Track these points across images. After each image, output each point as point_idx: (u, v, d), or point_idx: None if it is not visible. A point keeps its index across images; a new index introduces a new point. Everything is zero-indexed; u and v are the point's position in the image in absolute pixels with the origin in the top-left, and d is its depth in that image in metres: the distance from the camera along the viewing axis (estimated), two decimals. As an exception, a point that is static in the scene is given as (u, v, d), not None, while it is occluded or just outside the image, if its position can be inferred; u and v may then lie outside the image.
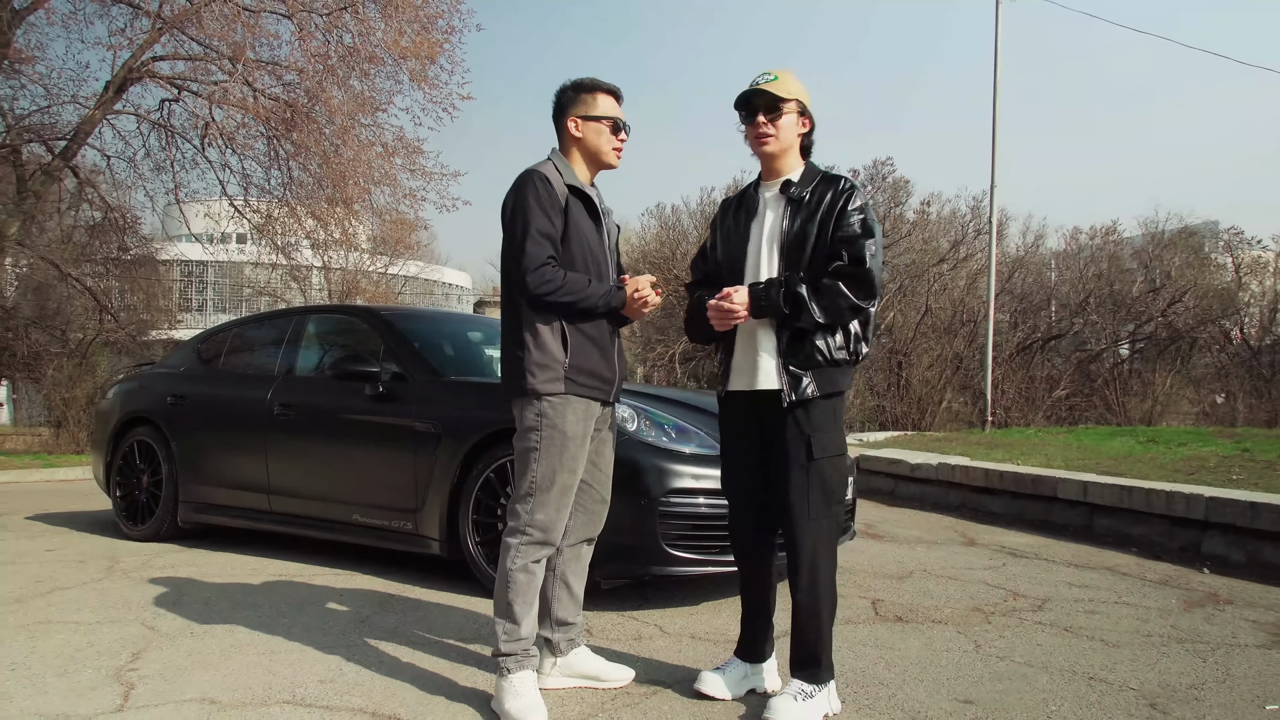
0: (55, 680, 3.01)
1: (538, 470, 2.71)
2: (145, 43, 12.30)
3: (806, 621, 2.72)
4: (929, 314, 16.58)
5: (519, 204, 2.77)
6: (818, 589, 2.73)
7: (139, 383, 6.14)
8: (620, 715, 2.71)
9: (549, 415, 2.73)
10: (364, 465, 4.68)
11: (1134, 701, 2.91)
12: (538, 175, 2.79)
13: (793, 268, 2.73)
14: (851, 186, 2.78)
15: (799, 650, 2.72)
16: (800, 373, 2.70)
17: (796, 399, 2.69)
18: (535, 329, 2.75)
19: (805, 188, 2.79)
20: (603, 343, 2.84)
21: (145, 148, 13.87)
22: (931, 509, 7.74)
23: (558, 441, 2.72)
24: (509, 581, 2.70)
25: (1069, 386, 17.38)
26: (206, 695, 2.84)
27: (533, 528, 2.72)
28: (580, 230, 2.81)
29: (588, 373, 2.79)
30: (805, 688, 2.67)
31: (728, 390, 2.86)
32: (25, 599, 4.19)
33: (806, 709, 2.64)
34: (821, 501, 2.72)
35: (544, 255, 2.72)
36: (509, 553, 2.72)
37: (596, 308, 2.77)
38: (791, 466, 2.71)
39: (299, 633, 3.59)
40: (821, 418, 2.72)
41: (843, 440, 2.81)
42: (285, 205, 14.08)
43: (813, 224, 2.74)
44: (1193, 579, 4.91)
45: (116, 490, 5.84)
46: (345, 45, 12.26)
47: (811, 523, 2.71)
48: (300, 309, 5.84)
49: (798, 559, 2.72)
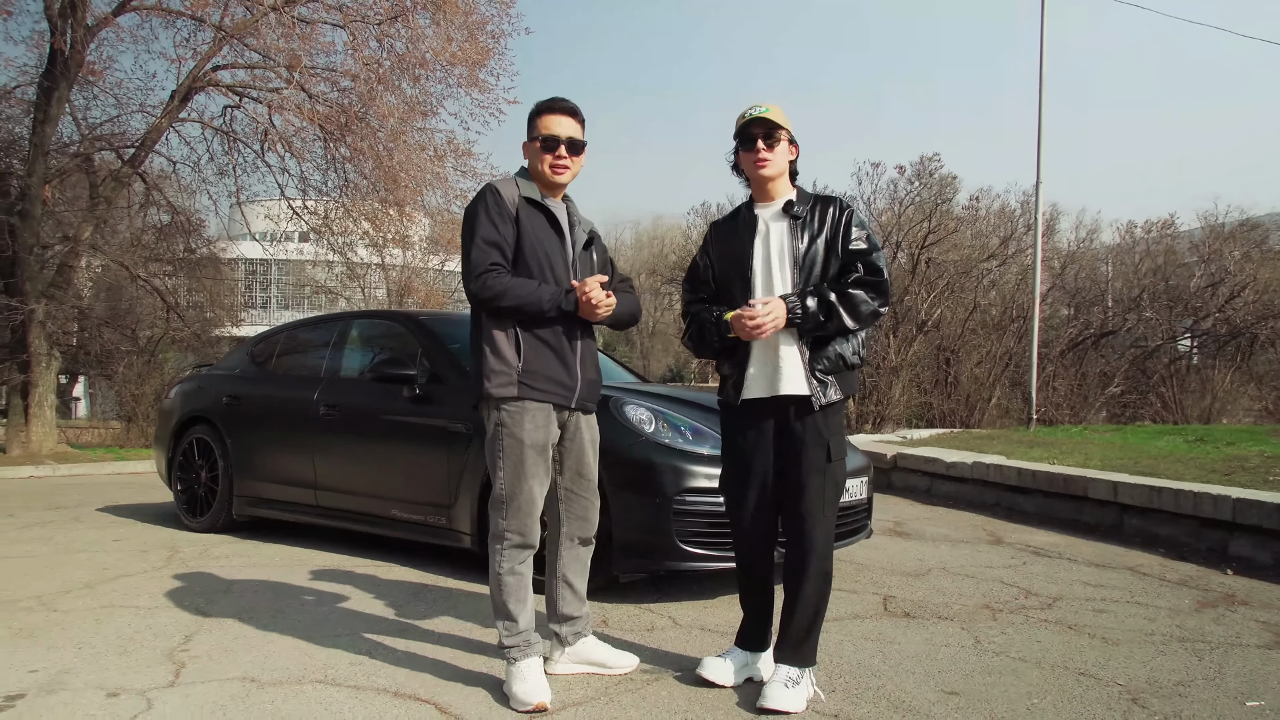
0: (115, 658, 3.32)
1: (503, 479, 2.90)
2: (207, 54, 12.82)
3: (805, 614, 2.90)
4: (977, 310, 16.45)
5: (469, 216, 2.96)
6: (824, 584, 2.93)
7: (198, 383, 6.52)
8: (621, 699, 2.92)
9: (507, 424, 2.89)
10: (402, 463, 4.95)
11: (1116, 697, 3.03)
12: (489, 189, 2.95)
13: (805, 280, 2.94)
14: (850, 206, 3.03)
15: (793, 640, 2.90)
16: (825, 378, 2.92)
17: (825, 401, 2.90)
18: (491, 335, 2.91)
19: (805, 207, 3.01)
20: (560, 349, 2.96)
21: (209, 153, 14.46)
22: (966, 508, 7.80)
23: (517, 451, 2.88)
24: (500, 584, 2.92)
25: (1123, 384, 17.11)
26: (248, 674, 3.12)
27: (510, 533, 2.92)
28: (534, 238, 2.94)
29: (543, 377, 2.92)
30: (793, 674, 2.86)
31: (743, 399, 3.01)
32: (94, 584, 4.54)
33: (795, 694, 2.82)
34: (833, 502, 2.96)
35: (487, 262, 2.86)
36: (495, 558, 2.93)
37: (545, 311, 2.88)
38: (811, 469, 2.90)
39: (336, 619, 3.87)
40: (835, 421, 2.95)
41: (846, 444, 3.05)
42: (341, 207, 14.56)
43: (819, 240, 2.96)
44: (1213, 580, 4.95)
45: (177, 484, 6.22)
46: (396, 53, 12.62)
47: (824, 522, 2.92)
48: (345, 314, 6.16)
49: (808, 557, 2.90)
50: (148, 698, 2.89)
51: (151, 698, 2.89)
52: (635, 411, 4.29)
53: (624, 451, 4.14)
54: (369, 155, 13.17)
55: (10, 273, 12.50)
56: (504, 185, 2.99)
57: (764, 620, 3.09)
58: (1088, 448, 9.57)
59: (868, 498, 4.85)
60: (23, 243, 12.10)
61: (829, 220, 2.97)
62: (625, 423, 4.24)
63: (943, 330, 16.32)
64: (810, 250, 2.94)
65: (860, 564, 5.17)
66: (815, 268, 2.94)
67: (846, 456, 3.02)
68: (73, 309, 13.24)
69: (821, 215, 2.98)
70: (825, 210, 2.99)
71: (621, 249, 52.85)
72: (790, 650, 2.90)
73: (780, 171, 3.03)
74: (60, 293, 12.69)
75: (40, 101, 12.11)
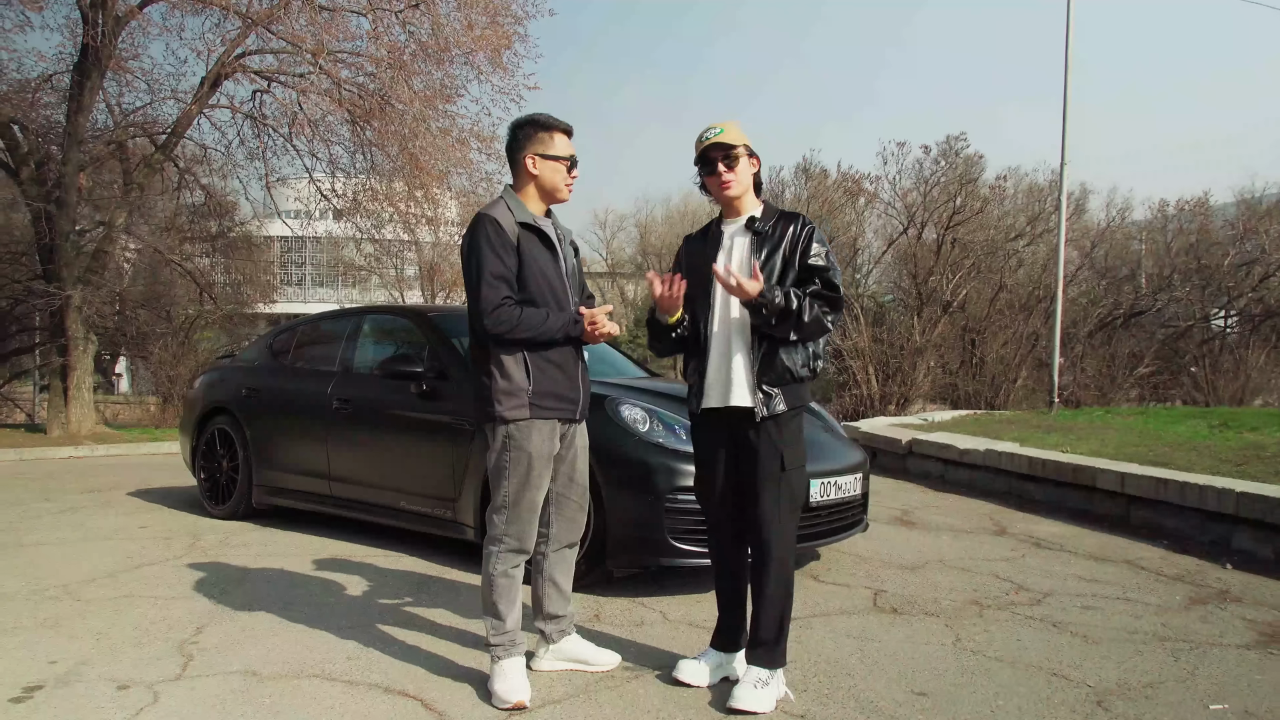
0: (130, 650, 3.51)
1: (508, 487, 3.03)
2: (235, 40, 13.02)
3: (771, 616, 3.01)
4: (1004, 291, 16.32)
5: (472, 249, 3.02)
6: (784, 588, 3.02)
7: (220, 374, 6.74)
8: (599, 697, 3.05)
9: (516, 438, 3.02)
10: (409, 457, 5.11)
11: (1083, 698, 3.11)
12: (488, 220, 3.01)
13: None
14: (811, 224, 3.10)
15: (761, 643, 3.01)
16: (771, 390, 3.00)
17: (769, 413, 2.98)
18: (500, 360, 3.02)
19: (768, 223, 3.10)
20: (566, 365, 3.10)
21: (240, 136, 14.71)
22: (978, 495, 7.84)
23: (524, 462, 3.02)
24: (492, 585, 3.05)
25: (1153, 364, 16.92)
26: (250, 668, 3.30)
27: (508, 538, 3.06)
28: (536, 264, 3.04)
29: (552, 396, 3.06)
30: (762, 675, 2.97)
31: (702, 409, 3.13)
32: (117, 573, 4.76)
33: (764, 695, 2.94)
34: (790, 508, 3.04)
35: (498, 298, 2.96)
36: (490, 560, 3.07)
37: (555, 340, 3.01)
38: (765, 478, 3.00)
39: (340, 611, 4.04)
40: (790, 431, 3.03)
41: (804, 451, 3.10)
42: (368, 190, 14.77)
43: (778, 255, 3.04)
44: (1210, 575, 4.99)
45: (201, 473, 6.46)
46: (419, 39, 12.73)
47: (781, 528, 3.01)
48: (358, 309, 6.32)
49: (767, 561, 3.01)
50: (155, 691, 3.07)
51: (159, 691, 3.07)
52: (631, 411, 4.40)
53: (619, 451, 4.27)
54: (393, 139, 13.33)
55: (48, 259, 12.86)
56: (499, 213, 3.05)
57: (737, 621, 3.20)
58: (1106, 433, 9.53)
59: (863, 493, 4.93)
60: (59, 230, 12.43)
61: (789, 236, 3.05)
62: (620, 422, 4.35)
63: (968, 311, 16.22)
64: (768, 264, 3.02)
65: (859, 556, 5.26)
66: (772, 280, 3.01)
67: (803, 466, 3.11)
68: (109, 293, 13.56)
69: (783, 231, 3.07)
70: (787, 226, 3.07)
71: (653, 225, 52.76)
72: (759, 653, 3.01)
73: (744, 189, 3.12)
74: (96, 278, 13.02)
75: (74, 91, 12.39)
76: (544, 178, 3.11)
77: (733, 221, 3.15)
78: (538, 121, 3.13)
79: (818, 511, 4.50)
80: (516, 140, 3.14)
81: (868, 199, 17.48)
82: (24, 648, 3.54)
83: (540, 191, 3.14)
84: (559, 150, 3.11)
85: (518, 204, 3.12)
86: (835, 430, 5.35)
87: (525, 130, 3.13)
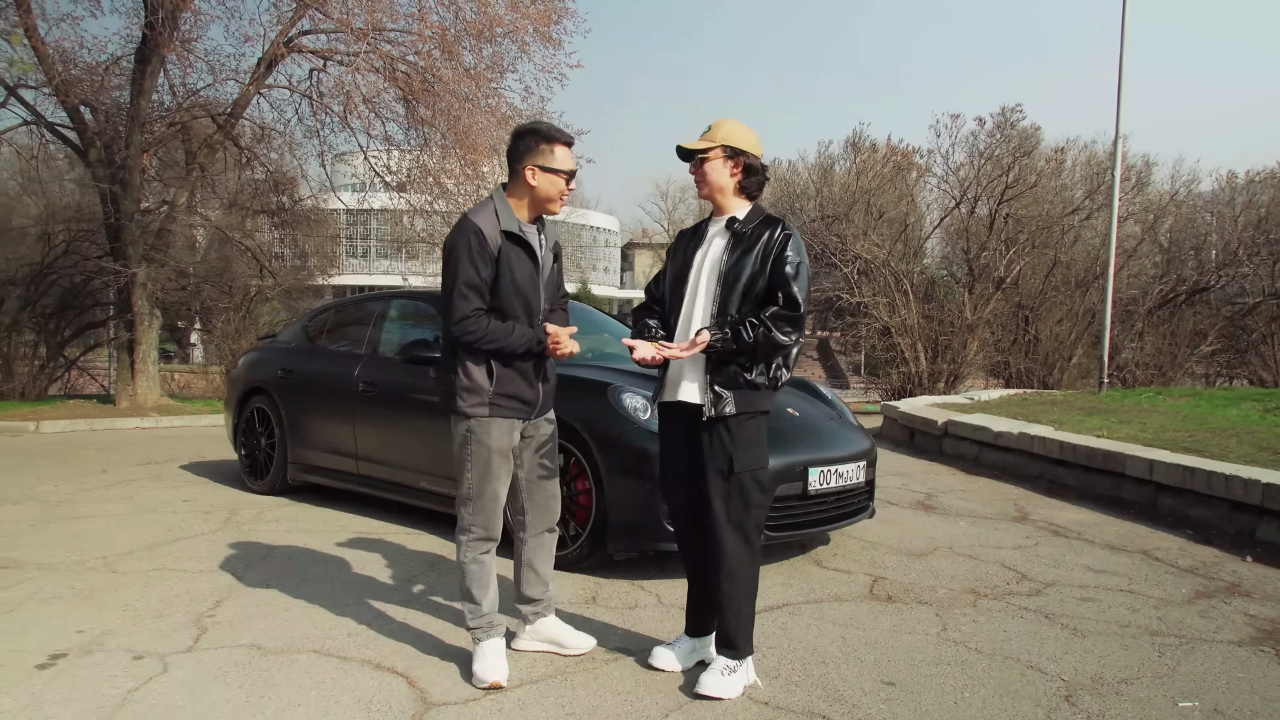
0: (151, 621, 3.76)
1: (470, 479, 3.19)
2: (290, 21, 13.33)
3: (728, 610, 3.11)
4: (1059, 266, 15.95)
5: (452, 255, 3.13)
6: (736, 583, 3.11)
7: (260, 355, 7.02)
8: (574, 678, 3.20)
9: (476, 433, 3.17)
10: (428, 438, 5.30)
11: (1051, 692, 3.15)
12: (472, 228, 3.10)
13: (727, 293, 3.09)
14: (788, 231, 3.13)
15: (722, 633, 3.12)
16: (723, 391, 3.07)
17: (716, 414, 3.06)
18: (464, 360, 3.17)
19: (748, 225, 3.15)
20: (526, 371, 3.22)
21: (297, 115, 15.08)
22: (1009, 479, 7.80)
23: (483, 455, 3.17)
24: (465, 572, 3.21)
25: (1217, 342, 16.41)
26: (256, 642, 3.51)
27: (475, 527, 3.21)
28: (511, 274, 3.13)
29: (510, 397, 3.19)
30: (729, 664, 3.08)
31: (661, 400, 3.24)
32: (155, 545, 5.06)
33: (730, 682, 3.04)
34: (740, 508, 3.09)
35: (468, 309, 3.08)
36: (460, 549, 3.23)
37: (516, 351, 3.13)
38: (713, 476, 3.08)
39: (352, 588, 4.26)
40: (744, 435, 3.08)
41: (764, 455, 3.16)
42: (420, 166, 15.05)
43: (749, 258, 3.10)
44: (1226, 568, 4.92)
45: (241, 449, 6.76)
46: (465, 19, 12.87)
47: (730, 526, 3.09)
48: (385, 294, 6.51)
49: (718, 558, 3.11)
50: (166, 661, 3.30)
51: (169, 661, 3.30)
52: (631, 400, 4.51)
53: (619, 438, 4.39)
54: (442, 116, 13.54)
55: (115, 237, 13.40)
56: (484, 220, 3.13)
57: (704, 607, 3.29)
58: (1150, 416, 9.35)
59: (867, 480, 4.97)
60: (124, 210, 12.94)
61: (763, 240, 3.09)
62: (621, 410, 4.46)
63: (1022, 287, 15.90)
64: (737, 266, 3.08)
65: (868, 542, 5.31)
66: (739, 283, 3.07)
67: (763, 469, 3.16)
68: (173, 270, 14.08)
69: (759, 235, 3.11)
70: (764, 230, 3.11)
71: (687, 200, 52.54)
72: (724, 642, 3.11)
73: (717, 189, 3.17)
74: (160, 255, 13.53)
75: (135, 75, 12.83)
76: (541, 189, 3.19)
77: (718, 220, 3.23)
78: (540, 132, 3.20)
79: (816, 499, 4.57)
80: (517, 149, 3.20)
81: (919, 173, 17.17)
82: (58, 617, 3.82)
83: (534, 202, 3.22)
84: (559, 164, 3.18)
85: (506, 210, 3.19)
86: (844, 417, 5.38)
87: (527, 140, 3.19)
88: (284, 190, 16.42)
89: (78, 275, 16.21)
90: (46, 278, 15.88)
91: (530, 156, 3.17)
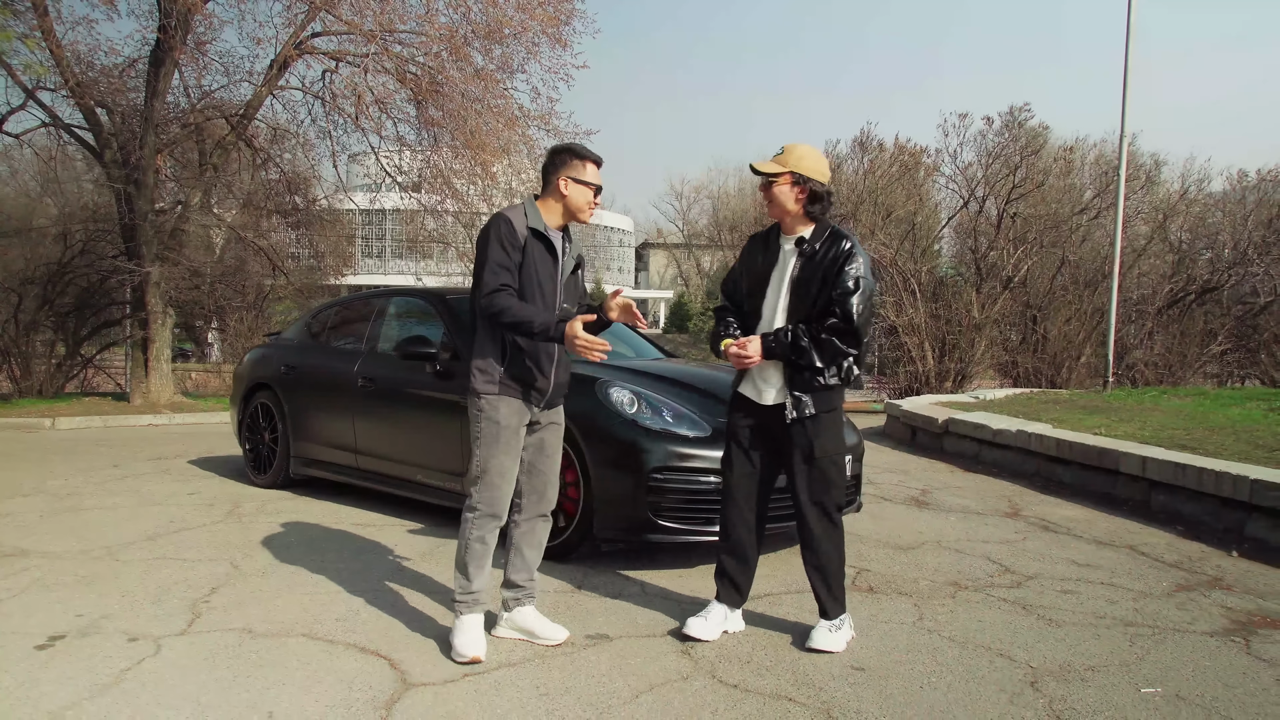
0: (149, 606, 3.88)
1: (480, 454, 3.36)
2: (302, 23, 13.50)
3: (818, 582, 3.49)
4: (1067, 266, 15.92)
5: (484, 240, 3.38)
6: (831, 555, 3.49)
7: (264, 352, 7.16)
8: (552, 662, 3.29)
9: (486, 410, 3.36)
10: (424, 433, 5.41)
11: (1017, 679, 3.22)
12: (503, 219, 3.36)
13: (799, 306, 3.43)
14: (852, 247, 3.41)
15: (823, 596, 3.49)
16: (801, 395, 3.40)
17: (799, 416, 3.40)
18: (484, 342, 3.40)
19: (816, 243, 3.45)
20: (538, 359, 3.41)
21: (310, 116, 15.27)
22: (1007, 476, 7.84)
23: (493, 431, 3.35)
24: (466, 548, 3.35)
25: (1227, 342, 16.33)
26: (247, 626, 3.63)
27: (482, 504, 3.36)
28: (533, 267, 3.35)
29: (521, 381, 3.39)
30: (834, 623, 3.47)
31: (738, 391, 3.57)
32: (157, 536, 5.19)
33: (837, 637, 3.45)
34: (823, 490, 3.46)
35: (497, 283, 3.29)
36: (465, 524, 3.36)
37: (534, 335, 3.29)
38: (798, 465, 3.45)
39: (345, 575, 4.37)
40: (822, 427, 3.42)
41: (842, 442, 3.56)
42: (431, 167, 15.21)
43: (817, 274, 3.41)
44: (1210, 562, 4.97)
45: (245, 444, 6.90)
46: (473, 20, 13.00)
47: (817, 507, 3.47)
48: (384, 291, 6.63)
49: (810, 534, 3.47)
50: (159, 643, 3.42)
51: (162, 644, 3.42)
52: (618, 394, 4.60)
53: (606, 430, 4.48)
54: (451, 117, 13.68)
55: (130, 237, 13.61)
56: (515, 216, 3.39)
57: (744, 579, 3.60)
58: (1151, 415, 9.36)
59: (854, 475, 5.04)
60: (138, 210, 13.14)
61: (830, 254, 3.39)
62: (608, 404, 4.56)
63: (1030, 287, 15.88)
64: (805, 282, 3.41)
65: (857, 535, 5.38)
66: (809, 296, 3.40)
67: (840, 453, 3.51)
68: (186, 269, 14.28)
69: (827, 249, 3.41)
70: (831, 245, 3.41)
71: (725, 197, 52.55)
72: (825, 605, 3.49)
73: (786, 211, 3.47)
74: (174, 254, 13.73)
75: (150, 77, 13.03)
76: (572, 199, 3.45)
77: (788, 238, 3.52)
78: (574, 150, 3.49)
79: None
80: (554, 163, 3.48)
81: (926, 172, 17.17)
82: (59, 602, 3.94)
83: (565, 210, 3.48)
84: (589, 178, 3.46)
85: (535, 213, 3.44)
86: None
87: (563, 156, 3.48)
88: (298, 190, 16.63)
89: (95, 275, 16.44)
90: (64, 277, 16.12)
91: (565, 169, 3.43)
